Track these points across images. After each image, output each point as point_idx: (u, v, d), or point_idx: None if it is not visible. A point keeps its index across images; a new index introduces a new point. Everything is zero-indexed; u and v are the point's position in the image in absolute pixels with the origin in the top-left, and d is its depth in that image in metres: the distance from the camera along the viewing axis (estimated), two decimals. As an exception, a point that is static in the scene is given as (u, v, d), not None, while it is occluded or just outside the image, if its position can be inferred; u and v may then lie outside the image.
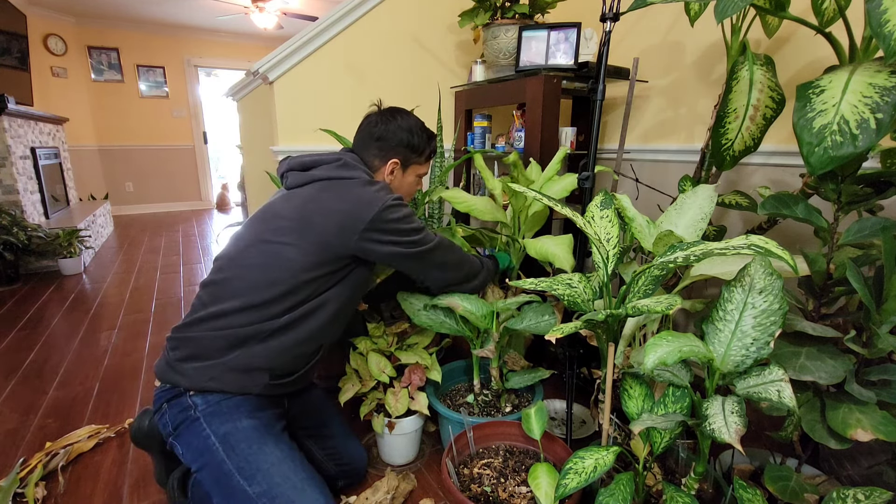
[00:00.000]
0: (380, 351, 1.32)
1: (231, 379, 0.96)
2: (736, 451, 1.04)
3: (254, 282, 0.97)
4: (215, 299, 0.99)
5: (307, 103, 1.96)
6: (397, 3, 2.03)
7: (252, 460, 0.91)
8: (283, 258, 0.98)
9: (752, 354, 0.79)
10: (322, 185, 1.05)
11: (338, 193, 1.02)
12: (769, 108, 1.12)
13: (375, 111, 1.19)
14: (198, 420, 0.94)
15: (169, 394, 0.97)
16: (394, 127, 1.14)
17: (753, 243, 0.72)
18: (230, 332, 0.96)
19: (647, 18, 1.85)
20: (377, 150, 1.14)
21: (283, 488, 0.90)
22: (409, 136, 1.15)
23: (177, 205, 6.09)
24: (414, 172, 1.21)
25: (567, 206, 0.95)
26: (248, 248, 1.01)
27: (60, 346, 2.12)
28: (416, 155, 1.18)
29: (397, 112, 1.17)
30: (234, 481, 0.89)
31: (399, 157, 1.16)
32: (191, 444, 0.94)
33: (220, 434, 0.93)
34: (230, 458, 0.91)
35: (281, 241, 0.98)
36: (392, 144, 1.14)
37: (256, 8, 4.52)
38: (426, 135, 1.19)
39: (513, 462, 1.15)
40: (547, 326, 1.20)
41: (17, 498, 1.21)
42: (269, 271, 0.97)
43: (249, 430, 0.95)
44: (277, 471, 0.91)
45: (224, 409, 0.95)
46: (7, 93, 3.16)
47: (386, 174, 1.16)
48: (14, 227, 2.89)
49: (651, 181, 1.87)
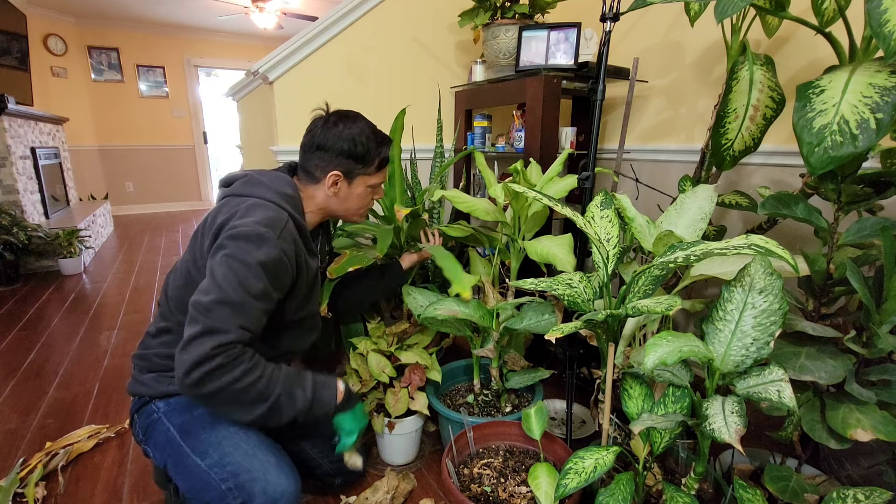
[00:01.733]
0: (380, 351, 1.32)
1: None
2: (736, 451, 1.04)
3: (176, 304, 0.99)
4: (159, 319, 1.03)
5: (307, 103, 1.96)
6: (397, 3, 2.03)
7: (204, 438, 0.94)
8: (191, 278, 0.96)
9: (752, 354, 0.79)
10: (225, 201, 0.99)
11: (225, 208, 0.95)
12: (769, 108, 1.12)
13: (321, 116, 1.08)
14: (160, 419, 0.98)
15: (137, 405, 1.02)
16: (334, 135, 1.03)
17: (753, 243, 0.72)
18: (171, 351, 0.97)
19: (647, 18, 1.85)
20: (318, 160, 1.05)
21: (234, 456, 0.91)
22: (352, 146, 1.03)
23: (177, 205, 6.09)
24: (363, 184, 1.09)
25: (567, 206, 0.95)
26: (174, 271, 1.04)
27: (60, 346, 2.12)
28: (361, 165, 1.06)
29: (342, 117, 1.06)
30: (190, 461, 0.92)
31: (341, 168, 1.04)
32: (157, 443, 0.98)
33: (177, 424, 0.96)
34: (185, 441, 0.94)
35: (186, 258, 1.00)
36: (333, 154, 1.03)
37: (256, 8, 4.52)
38: (375, 142, 1.06)
39: (513, 462, 1.15)
40: (547, 326, 1.20)
41: (17, 498, 1.21)
42: (184, 293, 0.95)
43: (204, 414, 0.97)
44: (228, 442, 0.93)
45: (183, 404, 0.99)
46: (7, 93, 3.16)
47: (328, 186, 1.05)
48: (14, 227, 2.89)
49: (651, 181, 1.87)
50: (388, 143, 1.11)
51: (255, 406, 0.85)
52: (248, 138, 2.86)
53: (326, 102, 1.12)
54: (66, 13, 4.93)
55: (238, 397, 0.83)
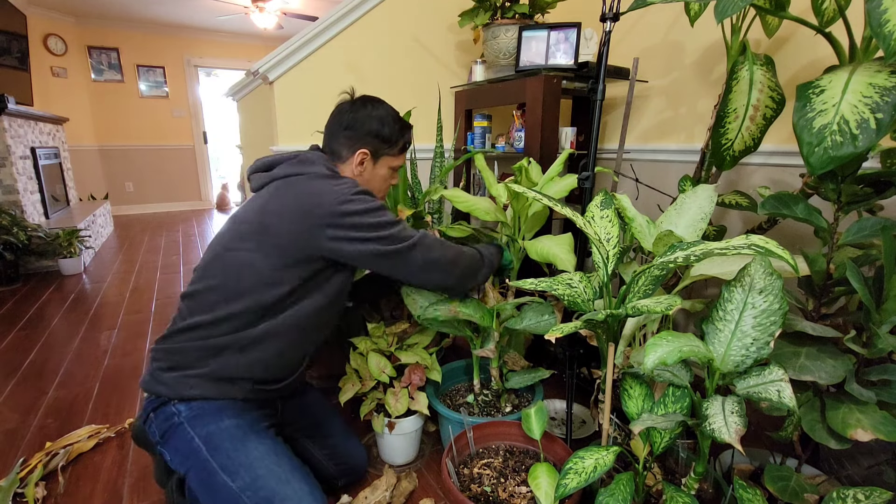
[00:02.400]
0: (380, 351, 1.32)
1: (214, 387, 0.97)
2: (736, 451, 1.04)
3: (223, 293, 0.96)
4: (192, 312, 0.98)
5: (307, 103, 1.96)
6: (397, 3, 2.03)
7: (234, 457, 0.91)
8: (248, 266, 0.95)
9: (752, 354, 0.79)
10: (278, 183, 1.00)
11: (293, 190, 0.97)
12: (769, 108, 1.12)
13: (347, 99, 1.12)
14: (182, 425, 0.94)
15: (154, 403, 0.98)
16: (363, 115, 1.07)
17: (753, 243, 0.72)
18: (207, 343, 0.96)
19: (647, 18, 1.85)
20: (345, 139, 1.08)
21: (267, 480, 0.89)
22: (380, 126, 1.08)
23: (177, 205, 6.09)
24: (386, 164, 1.13)
25: (567, 206, 0.95)
26: (214, 259, 0.99)
27: (60, 346, 2.12)
28: (387, 146, 1.10)
29: (369, 100, 1.10)
30: (218, 479, 0.89)
31: (368, 147, 1.09)
32: (178, 448, 0.94)
33: (203, 435, 0.93)
34: (213, 457, 0.91)
35: (243, 247, 0.96)
36: (361, 134, 1.07)
37: (256, 8, 4.52)
38: (399, 125, 1.11)
39: (513, 462, 1.15)
40: (547, 326, 1.20)
41: (17, 498, 1.21)
42: (236, 282, 0.95)
43: (232, 428, 0.95)
44: (261, 464, 0.91)
45: (207, 411, 0.96)
46: (7, 93, 3.16)
47: (355, 165, 1.09)
48: (14, 227, 2.89)
49: (651, 181, 1.87)
50: (409, 127, 1.16)
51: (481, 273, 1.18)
52: (248, 138, 2.86)
53: (352, 87, 1.17)
54: (66, 13, 4.93)
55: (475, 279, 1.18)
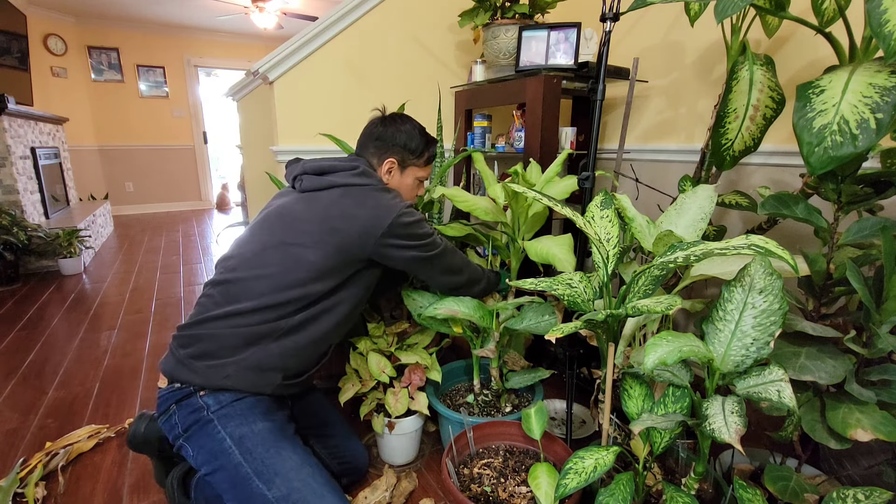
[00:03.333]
0: (380, 351, 1.32)
1: (245, 378, 0.97)
2: (736, 451, 1.04)
3: (274, 283, 1.00)
4: (231, 299, 1.00)
5: (307, 103, 1.96)
6: (397, 3, 2.03)
7: (269, 464, 0.91)
8: (305, 261, 1.01)
9: (752, 354, 0.79)
10: (342, 191, 1.08)
11: (357, 200, 1.06)
12: (769, 108, 1.12)
13: (378, 116, 1.23)
14: (211, 422, 0.93)
15: (178, 394, 0.96)
16: (392, 129, 1.19)
17: (753, 243, 0.72)
18: (246, 330, 0.97)
19: (647, 18, 1.85)
20: (375, 149, 1.18)
21: (304, 493, 0.89)
22: (407, 138, 1.19)
23: (177, 205, 6.09)
24: (412, 175, 1.23)
25: (567, 207, 0.95)
26: (266, 251, 1.03)
27: (60, 346, 2.12)
28: (413, 156, 1.20)
29: (398, 117, 1.22)
30: (253, 485, 0.89)
31: (396, 156, 1.19)
32: (204, 446, 0.93)
33: (237, 437, 0.92)
34: (247, 461, 0.91)
35: (302, 244, 1.02)
36: (389, 144, 1.18)
37: (256, 8, 4.52)
38: (425, 139, 1.22)
39: (513, 462, 1.15)
40: (547, 326, 1.20)
41: (17, 498, 1.21)
42: (289, 273, 1.00)
43: (265, 432, 0.95)
44: (296, 475, 0.91)
45: (238, 410, 0.95)
46: (7, 93, 3.16)
47: (383, 173, 1.19)
48: (14, 227, 2.89)
49: (651, 181, 1.87)
50: (435, 142, 1.26)
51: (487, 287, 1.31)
52: (248, 138, 2.86)
53: (383, 105, 1.29)
54: (66, 13, 4.93)
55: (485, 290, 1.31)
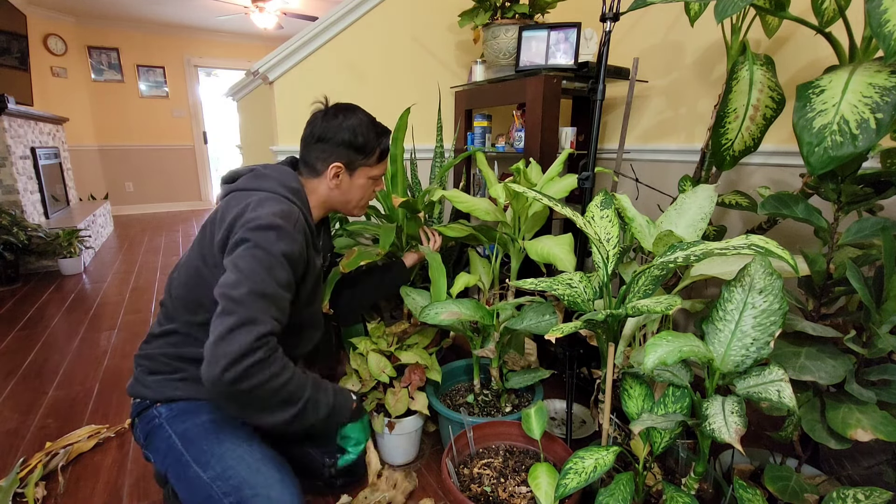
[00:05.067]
0: (380, 351, 1.32)
1: (194, 388, 0.98)
2: (736, 451, 1.04)
3: (183, 303, 0.97)
4: (164, 318, 1.01)
5: (307, 103, 1.95)
6: (397, 3, 2.03)
7: (207, 449, 0.92)
8: (200, 276, 0.94)
9: (752, 354, 0.79)
10: (232, 196, 0.98)
11: (237, 204, 0.93)
12: (769, 108, 1.12)
13: (321, 109, 1.09)
14: (161, 426, 0.96)
15: (138, 408, 0.99)
16: (335, 125, 1.04)
17: (753, 243, 0.72)
18: (179, 350, 0.98)
19: (647, 18, 1.85)
20: (319, 151, 1.05)
21: (238, 469, 0.89)
22: (352, 136, 1.04)
23: (177, 205, 6.09)
24: (364, 175, 1.10)
25: (567, 206, 0.95)
26: (178, 269, 1.01)
27: (60, 346, 2.12)
28: (362, 156, 1.07)
29: (341, 109, 1.07)
30: (191, 471, 0.90)
31: (342, 159, 1.05)
32: (158, 449, 0.96)
33: (180, 432, 0.94)
34: (188, 450, 0.92)
35: (195, 258, 0.97)
36: (334, 145, 1.04)
37: (256, 8, 4.52)
38: (374, 132, 1.07)
39: (513, 462, 1.15)
40: (547, 326, 1.20)
41: (17, 498, 1.21)
42: (192, 291, 0.96)
43: (207, 423, 0.96)
44: (232, 454, 0.91)
45: (186, 410, 0.97)
46: (7, 93, 3.16)
47: (329, 178, 1.06)
48: (14, 227, 2.89)
49: (651, 181, 1.87)
50: (387, 133, 1.11)
51: (286, 408, 0.84)
52: (248, 138, 2.86)
53: (325, 96, 1.12)
54: (66, 13, 4.93)
55: (272, 397, 0.81)
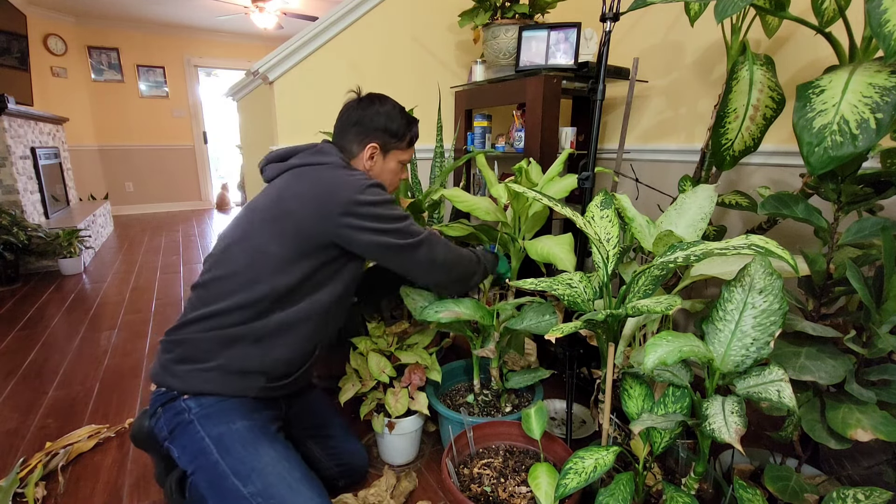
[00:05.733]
0: (380, 351, 1.32)
1: (226, 382, 0.96)
2: (736, 451, 1.04)
3: (240, 281, 0.97)
4: (205, 301, 0.98)
5: (307, 103, 1.96)
6: (397, 3, 2.03)
7: (247, 461, 0.91)
8: (266, 254, 0.96)
9: (752, 354, 0.79)
10: (296, 171, 1.03)
11: (312, 178, 1.00)
12: (769, 108, 1.12)
13: (354, 97, 1.16)
14: (192, 423, 0.94)
15: (163, 398, 0.97)
16: (371, 112, 1.11)
17: (753, 243, 0.72)
18: (222, 333, 0.96)
19: (647, 18, 1.85)
20: (355, 134, 1.12)
21: (278, 488, 0.89)
22: (388, 121, 1.12)
23: (177, 205, 6.09)
24: (395, 158, 1.17)
25: (567, 206, 0.95)
26: (230, 247, 1.00)
27: (60, 346, 2.12)
28: (395, 140, 1.14)
29: (376, 97, 1.15)
30: (229, 482, 0.89)
31: (378, 141, 1.12)
32: (185, 447, 0.94)
33: (214, 435, 0.92)
34: (224, 459, 0.90)
35: (258, 235, 0.98)
36: (370, 128, 1.11)
37: (256, 8, 4.52)
38: (406, 119, 1.15)
39: (513, 462, 1.15)
40: (547, 326, 1.20)
41: (17, 498, 1.21)
42: (252, 269, 0.96)
43: (244, 430, 0.94)
44: (272, 470, 0.91)
45: (218, 411, 0.95)
46: (7, 93, 3.16)
47: (365, 159, 1.13)
48: (14, 227, 2.89)
49: (651, 181, 1.87)
50: (415, 122, 1.19)
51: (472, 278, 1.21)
52: (248, 138, 2.86)
53: (359, 86, 1.20)
54: (66, 13, 4.93)
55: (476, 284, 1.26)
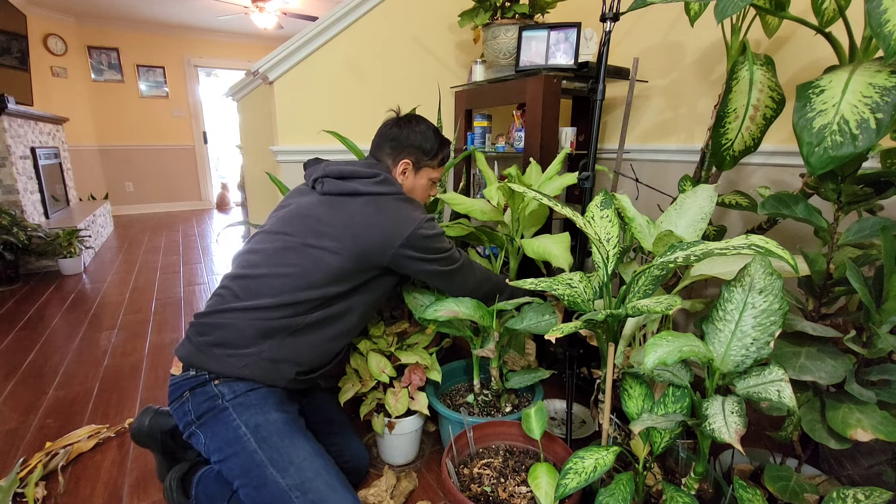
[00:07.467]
0: (380, 351, 1.32)
1: (261, 369, 1.00)
2: (736, 451, 1.04)
3: (294, 283, 1.02)
4: (251, 294, 1.03)
5: (307, 103, 1.96)
6: (397, 3, 2.03)
7: (284, 453, 0.94)
8: (325, 264, 1.04)
9: (752, 354, 0.79)
10: (366, 200, 1.10)
11: (381, 209, 1.09)
12: (769, 108, 1.12)
13: (393, 117, 1.25)
14: (226, 410, 0.96)
15: (192, 382, 0.98)
16: (408, 130, 1.20)
17: (753, 243, 0.72)
18: (264, 324, 1.01)
19: (647, 18, 1.85)
20: (390, 150, 1.20)
21: (316, 483, 0.92)
22: (422, 140, 1.20)
23: (177, 205, 6.09)
24: (426, 175, 1.24)
25: (567, 206, 0.95)
26: (288, 250, 1.06)
27: (60, 346, 2.12)
28: (427, 157, 1.22)
29: (413, 118, 1.23)
30: (267, 472, 0.91)
31: (410, 157, 1.20)
32: (217, 433, 0.95)
33: (252, 425, 0.95)
34: (262, 449, 0.93)
35: (324, 247, 1.04)
36: (405, 145, 1.20)
37: (256, 8, 4.52)
38: (439, 140, 1.23)
39: (513, 462, 1.15)
40: (547, 326, 1.20)
41: (17, 498, 1.21)
42: (309, 274, 1.03)
43: (280, 423, 0.98)
44: (310, 465, 0.94)
45: (252, 400, 0.98)
46: (7, 93, 3.16)
47: (398, 174, 1.21)
48: (14, 227, 2.89)
49: (651, 181, 1.87)
50: (448, 143, 1.27)
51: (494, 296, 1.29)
52: (248, 138, 2.86)
53: (398, 106, 1.30)
54: (66, 13, 4.93)
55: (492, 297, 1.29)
